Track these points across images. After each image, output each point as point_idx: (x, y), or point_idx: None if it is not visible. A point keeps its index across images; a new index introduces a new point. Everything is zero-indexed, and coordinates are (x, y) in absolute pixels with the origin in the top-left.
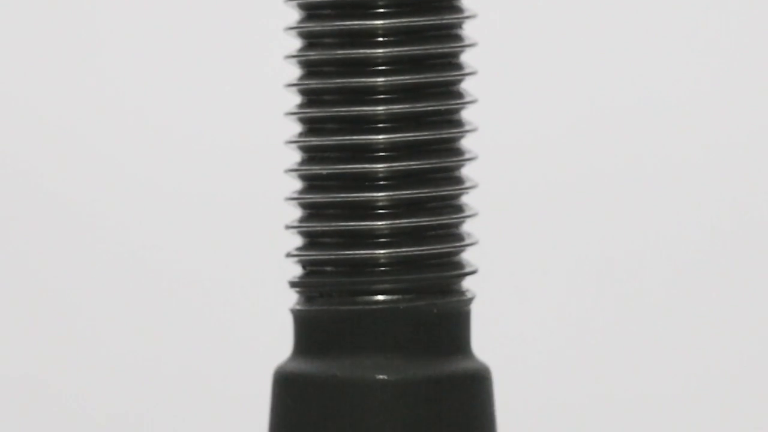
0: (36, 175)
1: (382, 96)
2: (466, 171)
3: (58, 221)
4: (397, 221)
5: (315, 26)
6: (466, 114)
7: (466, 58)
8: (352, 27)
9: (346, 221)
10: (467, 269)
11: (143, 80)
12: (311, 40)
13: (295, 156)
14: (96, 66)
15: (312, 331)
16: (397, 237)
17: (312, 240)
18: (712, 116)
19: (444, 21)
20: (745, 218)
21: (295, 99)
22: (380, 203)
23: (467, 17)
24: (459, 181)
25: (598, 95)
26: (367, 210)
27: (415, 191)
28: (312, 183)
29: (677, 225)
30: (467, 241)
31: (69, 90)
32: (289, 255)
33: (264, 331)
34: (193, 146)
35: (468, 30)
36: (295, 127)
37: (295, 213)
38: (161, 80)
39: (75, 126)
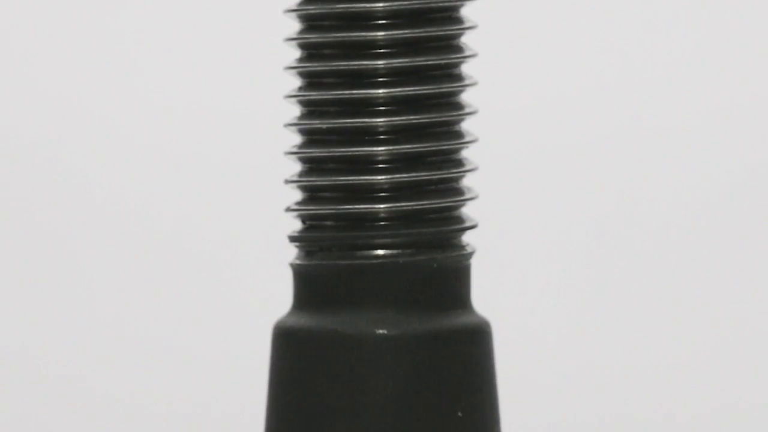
0: (33, 138)
1: (382, 51)
2: (466, 126)
3: (61, 180)
4: (397, 175)
5: None
6: (467, 68)
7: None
8: None
9: (346, 176)
10: (467, 224)
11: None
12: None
13: (294, 111)
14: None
15: (311, 286)
16: (396, 191)
17: (312, 194)
18: (710, 74)
19: None
20: (742, 173)
21: (294, 53)
22: (380, 157)
23: None
24: (459, 135)
25: (599, 52)
26: (366, 164)
27: (414, 145)
28: (312, 138)
29: (675, 178)
30: (467, 196)
31: (83, 68)
32: (288, 210)
33: (263, 285)
34: (193, 105)
35: None
36: (295, 82)
37: (295, 168)
38: (164, 58)
39: (81, 95)
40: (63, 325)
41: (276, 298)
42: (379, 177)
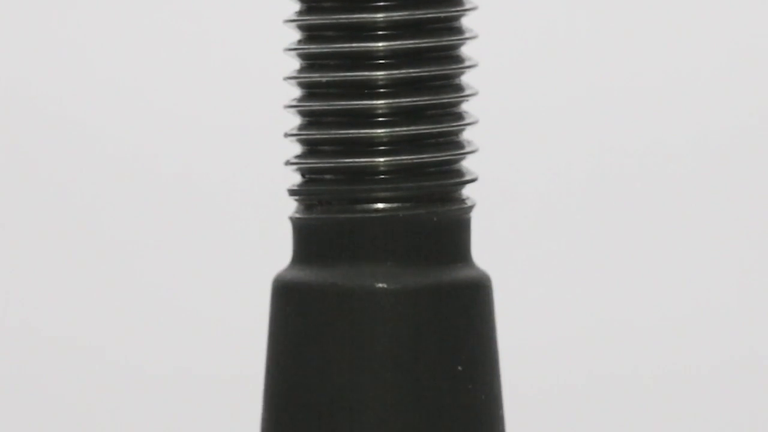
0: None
1: (381, 4)
2: (467, 78)
3: (64, 130)
4: (397, 129)
5: None
6: (467, 21)
7: None
8: None
9: (346, 129)
10: (467, 177)
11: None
12: None
13: (294, 64)
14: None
15: (311, 240)
16: (396, 144)
17: (311, 148)
18: (711, 32)
19: None
20: (741, 122)
21: (294, 7)
22: (380, 110)
23: None
24: (459, 88)
25: (599, 2)
26: (366, 118)
27: (414, 99)
28: (311, 91)
29: (673, 128)
30: (467, 149)
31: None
32: (288, 163)
33: (263, 239)
34: (195, 60)
35: None
36: (295, 35)
37: (294, 121)
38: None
39: (86, 45)
40: (56, 272)
41: (275, 251)
42: (379, 130)
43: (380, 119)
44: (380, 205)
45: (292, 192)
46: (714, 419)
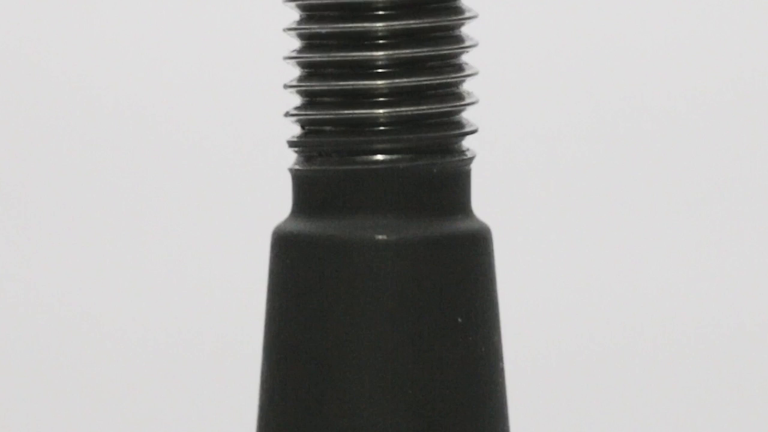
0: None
1: None
2: (467, 30)
3: (67, 87)
4: (397, 80)
5: None
6: None
7: None
8: None
9: (345, 80)
10: (467, 128)
11: None
12: None
13: (294, 16)
14: None
15: (311, 191)
16: (396, 96)
17: (311, 99)
18: None
19: None
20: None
21: None
22: (379, 62)
23: None
24: (459, 40)
25: None
26: (366, 69)
27: (414, 50)
28: (311, 42)
29: (674, 84)
30: (467, 100)
31: None
32: (287, 114)
33: (262, 190)
34: (194, 12)
35: None
36: None
37: (294, 73)
38: None
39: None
40: (61, 228)
41: (275, 203)
42: (379, 82)
43: (380, 70)
44: (380, 157)
45: (292, 143)
46: (712, 382)
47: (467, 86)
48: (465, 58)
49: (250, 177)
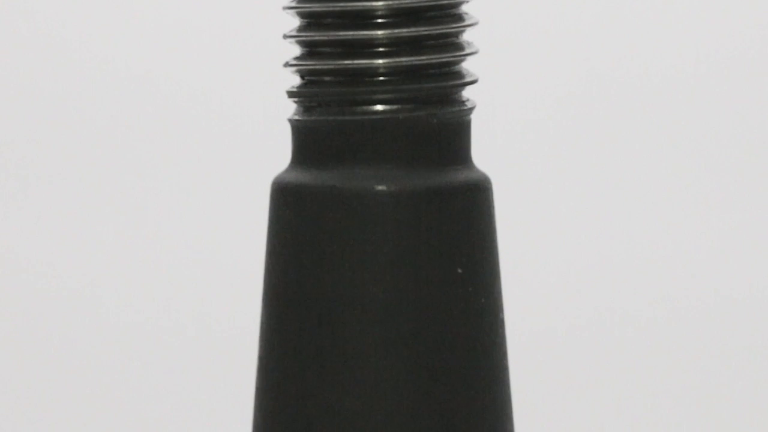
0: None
1: None
2: None
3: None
4: (396, 30)
5: None
6: None
7: None
8: None
9: (345, 30)
10: (467, 78)
11: None
12: None
13: None
14: None
15: (310, 142)
16: (396, 46)
17: (311, 49)
18: None
19: None
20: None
21: None
22: (379, 12)
23: None
24: None
25: None
26: (366, 19)
27: (414, 0)
28: None
29: (679, 37)
30: (467, 51)
31: None
32: (287, 65)
33: (262, 141)
34: None
35: None
36: None
37: (294, 23)
38: None
39: None
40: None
41: (274, 153)
42: (379, 32)
43: (379, 20)
44: (379, 107)
45: (291, 94)
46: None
47: (467, 36)
48: (465, 8)
49: (250, 127)
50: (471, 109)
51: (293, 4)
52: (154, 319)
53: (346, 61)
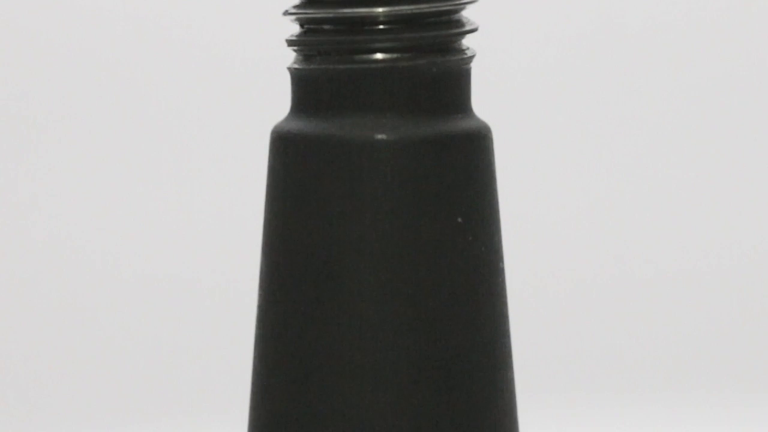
0: None
1: None
2: None
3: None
4: None
5: None
6: None
7: None
8: None
9: None
10: (467, 27)
11: None
12: None
13: None
14: None
15: (310, 90)
16: None
17: None
18: None
19: None
20: None
21: None
22: None
23: None
24: None
25: None
26: None
27: None
28: None
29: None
30: None
31: None
32: (286, 13)
33: (261, 90)
34: None
35: None
36: None
37: None
38: None
39: None
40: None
41: (274, 102)
42: None
43: None
44: (379, 56)
45: (291, 42)
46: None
47: None
48: None
49: (250, 76)
50: (471, 58)
51: None
52: (152, 267)
53: (346, 10)
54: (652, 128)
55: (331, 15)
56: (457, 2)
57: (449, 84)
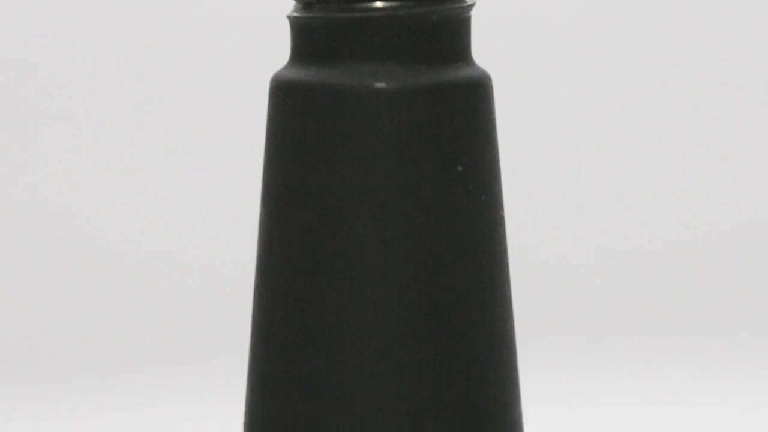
0: None
1: None
2: None
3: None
4: None
5: None
6: None
7: None
8: None
9: None
10: None
11: None
12: None
13: None
14: None
15: (310, 39)
16: None
17: None
18: None
19: None
20: None
21: None
22: None
23: None
24: None
25: None
26: None
27: None
28: None
29: None
30: None
31: None
32: None
33: (260, 38)
34: None
35: None
36: None
37: None
38: None
39: None
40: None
41: (274, 50)
42: None
43: None
44: (379, 4)
45: None
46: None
47: None
48: None
49: (249, 24)
50: (471, 6)
51: None
52: (150, 217)
53: None
54: (656, 75)
55: None
56: None
57: (449, 32)
